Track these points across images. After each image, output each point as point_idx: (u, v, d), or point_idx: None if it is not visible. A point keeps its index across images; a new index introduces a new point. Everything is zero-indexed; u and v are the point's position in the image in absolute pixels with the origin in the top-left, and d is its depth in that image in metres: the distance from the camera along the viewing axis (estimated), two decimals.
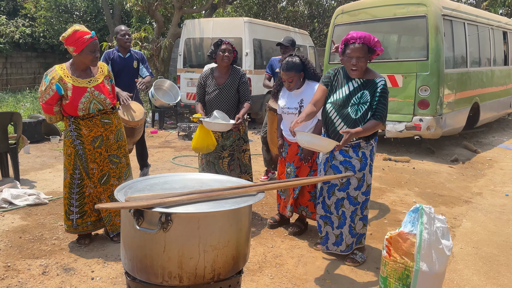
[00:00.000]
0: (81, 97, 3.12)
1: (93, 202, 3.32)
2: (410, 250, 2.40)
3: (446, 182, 5.61)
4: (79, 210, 3.31)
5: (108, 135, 3.29)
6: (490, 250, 3.53)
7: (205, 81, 3.95)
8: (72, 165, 3.25)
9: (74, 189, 3.28)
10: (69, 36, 3.04)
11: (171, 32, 12.15)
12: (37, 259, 3.17)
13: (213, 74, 3.93)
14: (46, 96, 3.12)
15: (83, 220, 3.33)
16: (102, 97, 3.20)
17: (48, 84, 3.10)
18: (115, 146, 3.34)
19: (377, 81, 2.95)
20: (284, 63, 3.49)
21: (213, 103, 3.89)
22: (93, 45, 3.08)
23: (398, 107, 6.87)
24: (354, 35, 2.88)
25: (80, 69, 3.19)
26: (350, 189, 3.08)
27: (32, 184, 5.08)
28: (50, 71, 3.15)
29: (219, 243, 2.08)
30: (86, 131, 3.20)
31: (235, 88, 3.90)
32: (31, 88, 15.10)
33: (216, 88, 3.88)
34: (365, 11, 7.37)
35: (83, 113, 3.16)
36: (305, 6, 17.98)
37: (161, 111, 9.70)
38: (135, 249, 2.11)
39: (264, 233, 3.78)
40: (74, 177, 3.27)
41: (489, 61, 8.60)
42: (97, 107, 3.19)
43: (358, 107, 2.94)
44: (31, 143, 6.97)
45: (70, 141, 3.22)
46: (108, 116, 3.28)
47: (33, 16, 16.90)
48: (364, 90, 2.95)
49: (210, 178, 2.76)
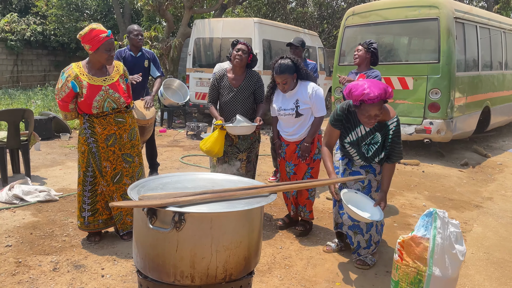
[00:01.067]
0: (96, 95, 3.15)
1: (105, 200, 3.34)
2: (423, 254, 2.38)
3: (456, 186, 5.56)
4: (91, 208, 3.33)
5: (122, 134, 3.30)
6: (502, 255, 3.50)
7: (219, 83, 3.85)
8: (86, 163, 3.28)
9: (86, 186, 3.30)
10: (86, 34, 3.06)
11: (181, 32, 12.19)
12: (48, 256, 3.19)
13: (228, 75, 3.84)
14: (62, 94, 3.15)
15: (94, 218, 3.35)
16: (116, 95, 3.22)
17: (64, 81, 3.13)
18: (128, 145, 3.35)
19: (389, 124, 2.94)
20: (277, 66, 3.47)
21: (229, 105, 3.81)
22: (108, 43, 3.10)
23: (408, 109, 6.83)
24: (371, 95, 2.68)
25: (96, 67, 3.21)
26: (372, 192, 3.12)
27: (42, 180, 5.12)
28: (67, 69, 3.19)
29: (231, 244, 2.08)
30: (100, 129, 3.22)
31: (251, 91, 3.82)
32: (42, 86, 15.22)
33: (231, 91, 3.79)
34: (376, 13, 7.33)
35: (97, 111, 3.18)
36: (315, 7, 17.94)
37: (170, 110, 9.73)
38: (147, 248, 2.11)
39: (273, 234, 3.77)
40: (87, 175, 3.29)
41: (501, 65, 8.52)
42: (111, 105, 3.21)
43: (369, 147, 3.03)
44: (42, 140, 7.02)
45: (84, 138, 3.25)
46: (122, 115, 3.30)
47: (44, 14, 17.04)
48: (376, 133, 2.98)
49: (222, 178, 2.76)
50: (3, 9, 17.31)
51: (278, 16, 16.92)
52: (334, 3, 17.91)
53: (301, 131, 3.60)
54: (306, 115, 3.57)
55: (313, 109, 3.57)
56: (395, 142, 2.94)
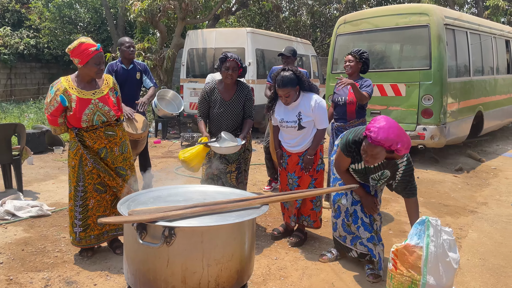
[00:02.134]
0: (85, 108, 3.13)
1: (96, 215, 3.30)
2: (417, 263, 2.37)
3: (451, 191, 5.57)
4: (82, 223, 3.28)
5: (113, 147, 3.28)
6: (497, 261, 3.49)
7: (210, 96, 3.78)
8: (76, 177, 3.24)
9: (77, 201, 3.26)
10: (75, 48, 3.05)
11: (174, 43, 12.22)
12: (40, 272, 3.15)
13: (218, 88, 3.78)
14: (51, 108, 3.13)
15: (86, 234, 3.30)
16: (106, 109, 3.20)
17: (53, 95, 3.12)
18: (120, 158, 3.33)
19: (398, 163, 2.87)
20: (279, 79, 3.42)
21: (219, 119, 3.76)
22: (98, 57, 3.08)
23: (401, 116, 6.85)
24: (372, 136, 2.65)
25: (85, 81, 3.20)
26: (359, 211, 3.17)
27: (35, 195, 5.07)
28: (56, 83, 3.17)
29: (223, 257, 2.07)
30: (90, 143, 3.20)
31: (241, 105, 3.77)
32: (35, 99, 15.18)
33: (222, 105, 3.74)
34: (367, 21, 7.39)
35: (87, 124, 3.16)
36: (307, 16, 18.07)
37: (164, 121, 9.71)
38: (138, 263, 2.09)
39: (268, 245, 3.75)
40: (78, 190, 3.25)
41: (492, 70, 8.58)
42: (101, 118, 3.19)
43: (378, 182, 3.03)
44: (35, 154, 6.98)
45: (74, 152, 3.23)
46: (112, 128, 3.27)
47: (37, 27, 17.05)
48: (385, 170, 2.94)
49: (214, 190, 2.75)
50: None
51: (271, 25, 17.03)
52: (327, 11, 18.05)
53: (304, 142, 3.57)
54: (309, 128, 3.54)
55: (316, 121, 3.54)
56: (406, 181, 2.92)
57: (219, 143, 3.49)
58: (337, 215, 3.30)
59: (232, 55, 3.64)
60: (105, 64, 3.24)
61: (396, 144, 2.62)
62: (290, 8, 18.41)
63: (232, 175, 3.77)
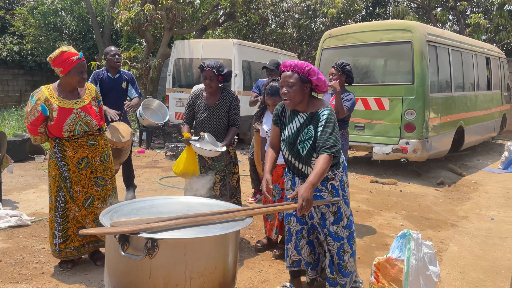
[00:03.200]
0: (67, 118, 3.08)
1: (77, 226, 3.24)
2: (398, 276, 2.39)
3: (433, 205, 5.65)
4: (62, 234, 3.21)
5: (94, 157, 3.23)
6: (477, 275, 3.54)
7: (195, 101, 3.86)
8: (56, 187, 3.19)
9: (58, 212, 3.20)
10: (57, 57, 3.01)
11: (160, 52, 12.21)
12: (18, 284, 3.07)
13: (203, 94, 3.85)
14: (31, 117, 3.08)
15: (66, 245, 3.23)
16: (88, 118, 3.16)
17: (33, 105, 3.07)
18: (101, 168, 3.27)
19: (320, 112, 2.65)
20: (268, 88, 3.52)
21: (203, 124, 3.80)
22: (80, 66, 3.05)
23: (384, 129, 6.96)
24: (285, 63, 2.67)
25: (67, 90, 3.15)
26: (328, 225, 2.79)
27: (14, 204, 4.96)
28: (36, 92, 3.12)
29: (205, 270, 2.06)
30: (71, 153, 3.15)
31: (225, 111, 3.80)
32: (17, 106, 14.93)
33: (206, 109, 3.78)
34: (352, 36, 7.52)
35: (68, 134, 3.11)
36: (294, 29, 18.28)
37: (148, 130, 9.65)
38: (119, 276, 2.06)
39: (251, 257, 3.73)
40: (58, 200, 3.19)
41: (473, 86, 8.80)
42: (83, 128, 3.14)
43: (304, 144, 2.71)
44: (15, 162, 6.85)
45: (55, 162, 3.17)
46: (94, 138, 3.23)
47: (21, 34, 16.85)
48: (309, 125, 2.70)
49: (198, 201, 2.74)
50: None
51: (258, 37, 17.16)
52: (313, 25, 18.29)
53: None
54: None
55: None
56: (324, 132, 2.58)
57: (200, 144, 3.49)
58: (287, 239, 2.98)
59: (210, 63, 3.65)
60: (88, 73, 3.20)
61: (307, 66, 2.58)
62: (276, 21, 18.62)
63: (216, 186, 3.76)
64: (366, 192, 6.16)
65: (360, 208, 5.33)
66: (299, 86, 2.62)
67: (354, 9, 15.41)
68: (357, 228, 4.59)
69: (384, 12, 18.19)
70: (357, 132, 7.17)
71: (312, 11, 17.51)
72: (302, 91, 2.65)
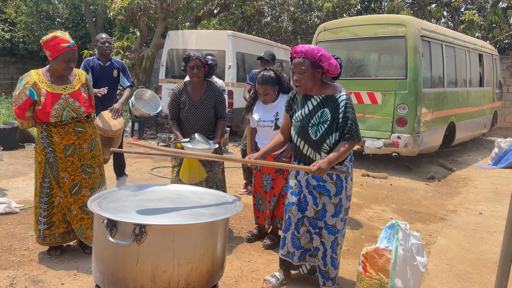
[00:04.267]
0: (55, 103, 3.06)
1: (62, 213, 3.22)
2: (386, 266, 2.41)
3: (422, 199, 5.69)
4: (47, 220, 3.19)
5: (82, 144, 3.20)
6: (464, 267, 3.58)
7: (179, 97, 3.70)
8: (42, 173, 3.16)
9: (43, 198, 3.18)
10: (47, 41, 3.00)
11: (154, 42, 12.12)
12: (5, 270, 3.05)
13: (187, 89, 3.71)
14: (19, 101, 3.05)
15: (50, 232, 3.21)
16: (76, 104, 3.14)
17: (22, 88, 3.04)
18: (88, 156, 3.24)
19: (337, 96, 2.65)
20: (260, 76, 3.53)
21: (189, 120, 3.69)
22: (68, 54, 3.01)
23: (377, 124, 6.98)
24: (296, 49, 2.64)
25: (56, 75, 3.13)
26: (327, 217, 2.77)
27: (3, 192, 4.92)
28: (25, 76, 3.10)
29: (194, 256, 2.05)
30: (58, 139, 3.12)
31: (211, 105, 3.70)
32: (8, 94, 14.74)
33: (191, 105, 3.66)
34: (346, 29, 7.51)
35: (55, 119, 3.08)
36: (289, 22, 18.23)
37: (141, 121, 9.60)
38: (107, 261, 2.06)
39: (241, 247, 3.74)
40: (44, 186, 3.17)
41: (465, 82, 8.85)
42: (71, 114, 3.12)
43: (317, 127, 2.67)
44: (5, 150, 6.78)
45: (41, 148, 3.14)
46: (82, 125, 3.21)
47: (13, 21, 16.61)
48: (325, 108, 2.67)
49: (187, 189, 2.73)
50: None
51: (253, 30, 17.09)
52: (308, 18, 18.25)
53: None
54: None
55: None
56: (348, 119, 2.61)
57: (192, 144, 3.44)
58: (286, 228, 2.95)
59: (195, 53, 3.58)
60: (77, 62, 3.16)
61: (318, 52, 2.56)
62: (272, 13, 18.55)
63: (203, 183, 3.64)
64: (357, 185, 6.19)
65: (351, 201, 5.35)
66: (310, 72, 2.60)
67: (349, 3, 15.39)
68: (347, 220, 4.62)
69: (379, 7, 18.19)
70: None
71: (308, 5, 17.46)
72: (314, 77, 2.63)
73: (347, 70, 7.44)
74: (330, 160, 2.55)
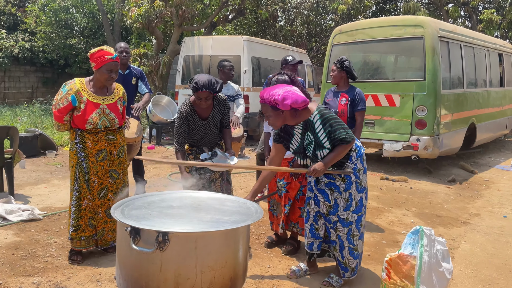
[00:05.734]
0: (93, 112, 3.26)
1: (88, 216, 3.36)
2: (410, 273, 2.37)
3: (444, 202, 5.59)
4: (75, 223, 3.34)
5: (112, 150, 3.39)
6: (490, 273, 3.50)
7: (188, 120, 3.56)
8: (74, 177, 3.33)
9: (73, 201, 3.35)
10: (94, 53, 3.25)
11: (170, 49, 12.24)
12: (30, 277, 3.10)
13: (195, 109, 3.59)
14: (60, 105, 3.24)
15: (77, 234, 3.35)
16: (112, 116, 3.34)
17: (65, 94, 3.24)
18: (116, 162, 3.43)
19: (312, 118, 2.88)
20: (274, 81, 3.51)
21: (199, 135, 3.64)
22: (111, 65, 3.23)
23: (395, 126, 6.90)
24: (261, 94, 2.89)
25: (97, 86, 3.33)
26: (340, 211, 2.98)
27: (26, 199, 5.02)
28: (69, 83, 3.31)
29: (216, 264, 2.05)
30: (91, 144, 3.31)
31: (219, 118, 3.67)
32: (29, 102, 15.07)
33: (201, 124, 3.59)
34: (362, 32, 7.46)
35: (91, 127, 3.27)
36: (303, 26, 18.21)
37: (158, 126, 9.69)
38: (130, 269, 2.07)
39: (261, 253, 3.73)
40: (74, 189, 3.34)
41: (485, 83, 8.69)
42: (105, 124, 3.32)
43: (307, 147, 2.95)
44: (27, 157, 6.91)
45: (74, 152, 3.32)
46: (113, 133, 3.40)
47: (33, 31, 17.00)
48: (307, 132, 2.92)
49: (208, 196, 2.74)
50: None
51: (268, 34, 17.13)
52: (322, 21, 18.21)
53: None
54: None
55: None
56: (331, 127, 2.81)
57: (214, 160, 3.43)
58: (306, 219, 3.21)
59: (204, 83, 3.33)
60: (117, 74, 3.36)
61: (272, 97, 2.78)
62: (286, 17, 18.56)
63: (217, 183, 3.69)
64: (376, 189, 6.12)
65: (370, 205, 5.29)
66: (274, 114, 2.84)
67: (365, 5, 15.29)
68: (367, 225, 4.57)
69: (394, 8, 18.03)
70: (367, 128, 7.11)
71: (322, 8, 17.41)
72: (280, 116, 2.85)
73: (363, 73, 7.38)
74: (325, 162, 2.83)
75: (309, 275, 3.26)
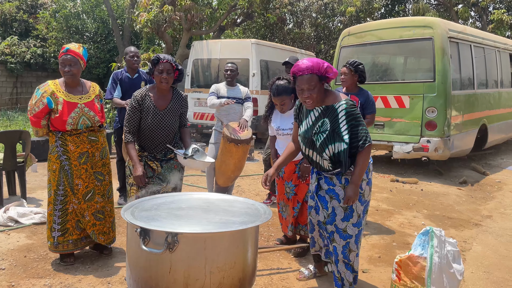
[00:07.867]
0: (71, 112, 3.21)
1: (75, 220, 3.33)
2: (421, 274, 2.35)
3: (455, 204, 5.53)
4: (61, 227, 3.29)
5: (94, 152, 3.34)
6: (502, 274, 3.45)
7: (141, 104, 3.24)
8: (56, 181, 3.27)
9: (57, 205, 3.28)
10: None
11: (179, 53, 12.33)
12: (42, 279, 3.14)
13: (150, 94, 3.28)
14: (35, 109, 3.18)
15: (64, 238, 3.31)
16: (91, 114, 3.30)
17: (39, 97, 3.19)
18: (100, 163, 3.38)
19: (337, 106, 2.62)
20: (274, 88, 3.47)
21: (152, 131, 3.27)
22: (62, 59, 3.20)
23: (405, 128, 6.85)
24: (300, 66, 2.61)
25: (69, 85, 3.30)
26: (337, 221, 2.73)
27: (38, 202, 5.08)
28: (42, 86, 3.26)
29: (225, 265, 2.06)
30: (73, 147, 3.25)
31: (177, 114, 3.38)
32: None
33: (156, 114, 3.25)
34: (371, 33, 7.43)
35: (71, 127, 3.22)
36: (312, 28, 18.21)
37: None
38: (140, 270, 2.09)
39: (270, 255, 3.72)
40: (58, 194, 3.27)
41: (496, 83, 8.59)
42: (86, 123, 3.27)
43: (318, 136, 2.68)
44: (39, 161, 6.99)
45: (56, 156, 3.26)
46: (95, 134, 3.36)
47: (44, 37, 17.26)
48: (324, 118, 2.66)
49: (217, 198, 2.75)
50: (4, 32, 17.55)
51: (276, 37, 17.15)
52: (330, 24, 18.19)
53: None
54: None
55: None
56: (354, 127, 2.59)
57: (197, 157, 3.22)
58: (311, 229, 3.01)
59: (165, 56, 3.20)
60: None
61: (323, 64, 2.56)
62: (294, 20, 18.58)
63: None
64: (386, 191, 6.08)
65: (380, 207, 5.26)
66: (319, 86, 2.60)
67: (373, 7, 15.25)
68: (377, 227, 4.54)
69: (403, 9, 17.95)
70: (377, 130, 7.07)
71: (330, 10, 17.40)
72: (322, 89, 2.64)
73: (373, 74, 7.35)
74: (355, 183, 2.60)
75: (319, 277, 3.24)
